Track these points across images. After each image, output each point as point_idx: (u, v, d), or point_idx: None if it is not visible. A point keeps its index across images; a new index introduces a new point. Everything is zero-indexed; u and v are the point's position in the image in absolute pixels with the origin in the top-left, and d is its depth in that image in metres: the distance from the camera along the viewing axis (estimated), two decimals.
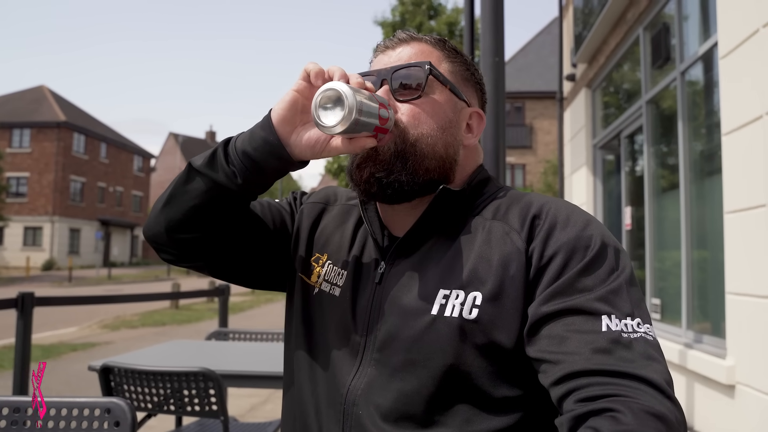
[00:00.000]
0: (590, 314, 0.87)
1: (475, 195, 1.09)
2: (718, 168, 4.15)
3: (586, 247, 0.93)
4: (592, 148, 7.86)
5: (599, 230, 0.97)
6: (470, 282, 0.96)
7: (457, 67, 1.10)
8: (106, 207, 42.54)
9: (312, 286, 1.15)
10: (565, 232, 0.95)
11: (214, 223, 1.05)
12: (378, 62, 1.10)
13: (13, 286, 22.66)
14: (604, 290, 0.89)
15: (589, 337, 0.85)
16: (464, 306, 0.94)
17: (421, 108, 1.03)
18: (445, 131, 1.05)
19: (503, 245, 0.97)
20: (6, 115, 37.02)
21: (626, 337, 0.85)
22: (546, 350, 0.88)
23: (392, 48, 1.09)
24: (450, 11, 21.04)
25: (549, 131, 28.75)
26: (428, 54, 1.08)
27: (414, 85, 1.03)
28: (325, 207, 1.24)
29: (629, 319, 0.87)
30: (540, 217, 0.99)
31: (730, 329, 3.85)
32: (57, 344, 9.40)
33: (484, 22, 3.17)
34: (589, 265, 0.92)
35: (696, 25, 4.84)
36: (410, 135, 1.02)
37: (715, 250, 4.31)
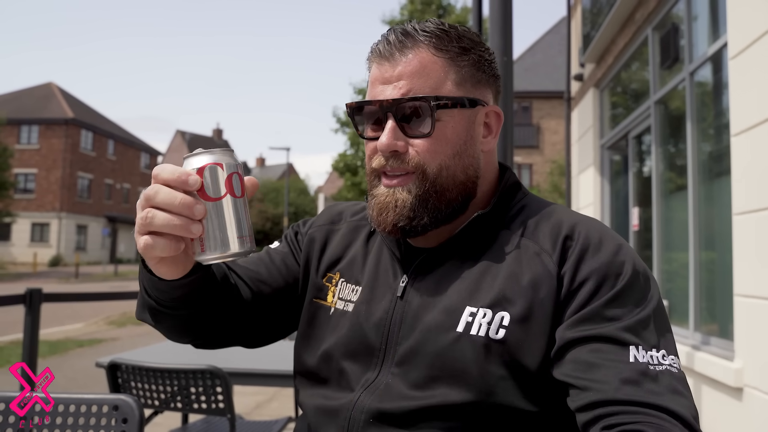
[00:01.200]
0: (619, 344, 0.87)
1: (503, 207, 1.06)
2: (726, 169, 4.13)
3: (617, 274, 0.92)
4: (600, 149, 7.83)
5: (630, 256, 0.96)
6: (498, 301, 0.95)
7: (466, 71, 1.02)
8: (113, 204, 42.71)
9: (329, 307, 1.13)
10: (597, 258, 0.94)
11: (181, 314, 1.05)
12: (375, 78, 1.02)
13: (21, 282, 22.80)
14: (633, 320, 0.89)
15: (617, 367, 0.85)
16: (491, 325, 0.93)
17: (433, 140, 0.99)
18: (462, 154, 1.02)
19: (534, 266, 0.96)
20: (14, 111, 37.19)
21: (653, 370, 0.85)
22: (573, 375, 0.88)
23: (389, 61, 1.00)
24: (459, 11, 21.02)
25: (556, 131, 28.67)
26: (431, 67, 0.99)
27: (421, 122, 0.99)
28: (331, 228, 1.22)
29: (655, 350, 0.87)
30: (572, 239, 0.97)
31: (738, 331, 3.84)
32: (63, 340, 9.45)
33: (493, 22, 3.16)
34: (619, 294, 0.91)
35: (705, 25, 4.81)
36: (429, 173, 0.99)
37: (724, 251, 4.29)
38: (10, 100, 39.40)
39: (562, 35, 24.44)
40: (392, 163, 1.00)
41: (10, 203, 31.74)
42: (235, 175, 0.82)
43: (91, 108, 43.67)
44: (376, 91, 1.01)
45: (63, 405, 1.49)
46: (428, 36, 1.00)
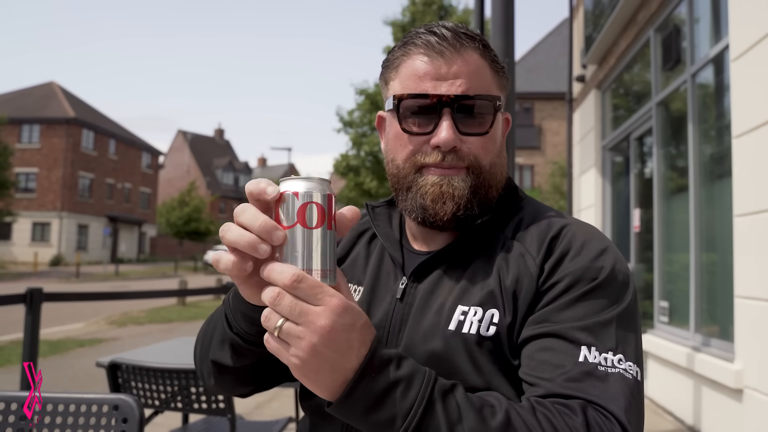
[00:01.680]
0: (571, 342, 0.88)
1: (501, 212, 1.08)
2: (728, 171, 4.13)
3: (592, 278, 0.93)
4: (602, 150, 7.83)
5: (611, 261, 0.96)
6: (488, 300, 0.97)
7: (501, 78, 1.06)
8: (114, 203, 42.72)
9: None
10: (574, 261, 0.95)
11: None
12: (425, 72, 1.00)
13: (21, 281, 22.82)
14: (592, 321, 0.90)
15: (565, 365, 0.86)
16: (482, 323, 0.95)
17: (487, 139, 1.03)
18: (501, 155, 1.07)
19: (518, 266, 0.98)
20: (16, 110, 37.23)
21: (602, 371, 0.85)
22: (524, 371, 0.90)
23: (444, 57, 1.00)
24: (461, 12, 21.01)
25: (558, 132, 28.66)
26: (483, 70, 1.02)
27: (482, 120, 1.01)
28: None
29: (611, 354, 0.87)
30: (556, 242, 0.99)
31: (738, 333, 3.83)
32: (64, 340, 9.45)
33: (495, 23, 3.16)
34: (585, 294, 0.92)
35: (707, 27, 4.81)
36: (483, 168, 1.02)
37: (724, 253, 4.29)
38: (12, 99, 39.44)
39: (564, 36, 24.43)
40: (450, 158, 1.01)
41: (11, 202, 31.75)
42: (311, 205, 0.78)
43: (93, 107, 43.68)
44: (426, 87, 1.00)
45: (63, 404, 1.49)
46: (472, 39, 1.02)
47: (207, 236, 41.15)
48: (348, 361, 0.76)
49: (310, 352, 0.74)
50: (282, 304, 0.74)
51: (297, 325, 0.74)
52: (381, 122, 1.15)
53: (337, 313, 0.74)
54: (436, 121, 1.00)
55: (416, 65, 1.01)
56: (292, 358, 0.75)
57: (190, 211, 38.94)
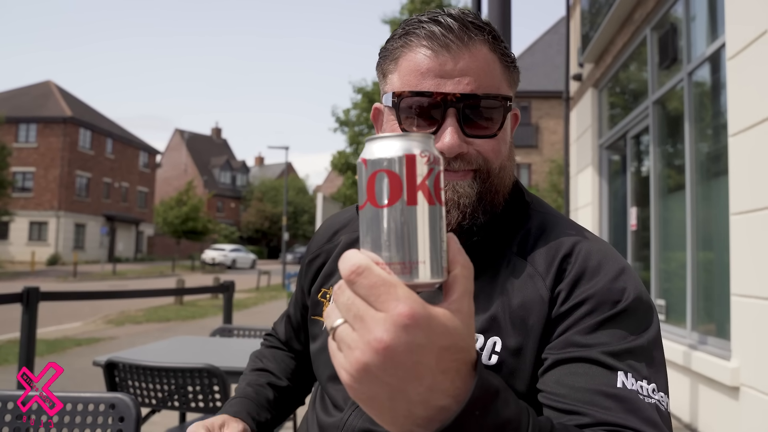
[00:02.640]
0: (606, 367, 0.81)
1: (507, 221, 1.00)
2: (724, 169, 4.14)
3: (615, 301, 0.86)
4: (598, 148, 7.84)
5: (633, 282, 0.89)
6: (490, 327, 0.91)
7: (512, 73, 0.98)
8: (112, 203, 42.65)
9: (323, 323, 1.10)
10: (594, 282, 0.88)
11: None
12: (428, 68, 0.91)
13: (19, 281, 22.77)
14: (625, 347, 0.83)
15: (603, 391, 0.79)
16: (483, 351, 0.89)
17: (496, 141, 0.95)
18: (510, 156, 0.99)
19: (526, 289, 0.91)
20: (13, 110, 37.13)
21: (642, 400, 0.79)
22: (554, 398, 0.82)
23: (449, 51, 0.90)
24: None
25: (555, 131, 28.68)
26: (493, 65, 0.93)
27: (491, 121, 0.93)
28: (330, 247, 1.20)
29: (645, 382, 0.81)
30: (569, 261, 0.92)
31: (735, 331, 3.84)
32: (61, 339, 9.43)
33: (491, 21, 3.16)
34: (613, 318, 0.85)
35: (704, 26, 4.82)
36: (492, 172, 0.94)
37: (721, 251, 4.30)
38: (8, 98, 39.34)
39: (561, 35, 24.43)
40: (455, 164, 0.92)
41: (8, 202, 31.68)
42: (404, 175, 0.56)
43: (90, 106, 43.58)
44: (428, 84, 0.90)
45: (60, 403, 1.49)
46: (481, 29, 0.93)
47: (204, 235, 41.12)
48: (418, 392, 0.53)
49: (360, 370, 0.53)
50: (341, 300, 0.55)
51: (353, 330, 0.54)
52: (377, 115, 1.05)
53: (401, 326, 0.51)
54: (439, 123, 0.91)
55: (418, 59, 0.92)
56: (341, 370, 0.55)
57: (187, 210, 38.89)
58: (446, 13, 0.93)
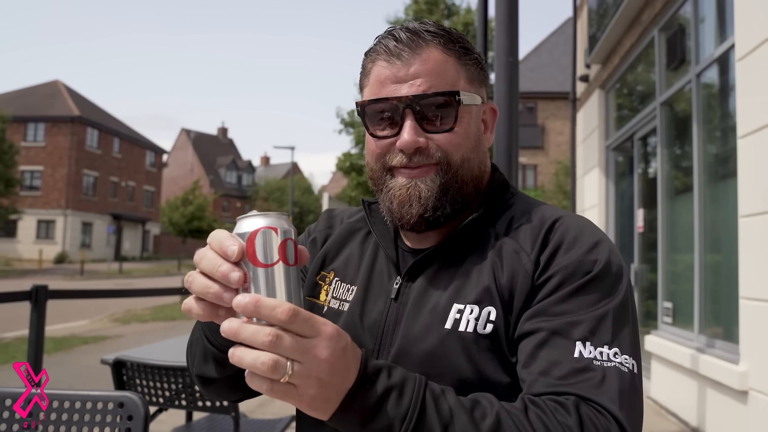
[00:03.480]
0: (566, 337, 0.88)
1: (492, 208, 1.08)
2: (732, 171, 4.12)
3: (585, 271, 0.93)
4: (605, 150, 7.82)
5: (605, 254, 0.96)
6: (484, 297, 0.96)
7: (472, 69, 1.05)
8: (119, 201, 42.80)
9: (321, 306, 1.13)
10: (568, 255, 0.95)
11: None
12: (386, 77, 1.01)
13: (26, 279, 22.87)
14: (587, 315, 0.89)
15: (561, 361, 0.86)
16: (479, 321, 0.95)
17: (455, 135, 1.01)
18: (477, 149, 1.05)
19: (513, 263, 0.98)
20: (21, 109, 37.31)
21: (598, 365, 0.85)
22: (520, 368, 0.90)
23: (401, 59, 1.00)
24: (464, 11, 20.98)
25: (561, 132, 28.62)
26: (444, 65, 1.00)
27: (444, 117, 1.00)
28: (329, 232, 1.24)
29: (606, 347, 0.87)
30: (550, 235, 0.99)
31: (743, 334, 3.83)
32: (68, 337, 9.48)
33: (499, 23, 3.16)
34: (579, 288, 0.92)
35: (712, 27, 4.80)
36: (453, 164, 1.01)
37: (729, 254, 4.28)
38: (17, 97, 39.53)
39: (568, 36, 24.40)
40: (416, 159, 1.00)
41: (16, 200, 31.85)
42: (289, 242, 0.77)
43: (97, 106, 43.77)
44: (388, 90, 1.00)
45: (69, 402, 1.49)
46: (435, 35, 1.01)
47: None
48: (348, 381, 0.77)
49: (320, 385, 0.73)
50: (284, 345, 0.70)
51: (301, 363, 0.72)
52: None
53: (335, 340, 0.74)
54: (400, 124, 1.00)
55: (378, 71, 1.02)
56: (303, 397, 0.74)
57: (193, 209, 38.99)
58: (403, 27, 1.02)
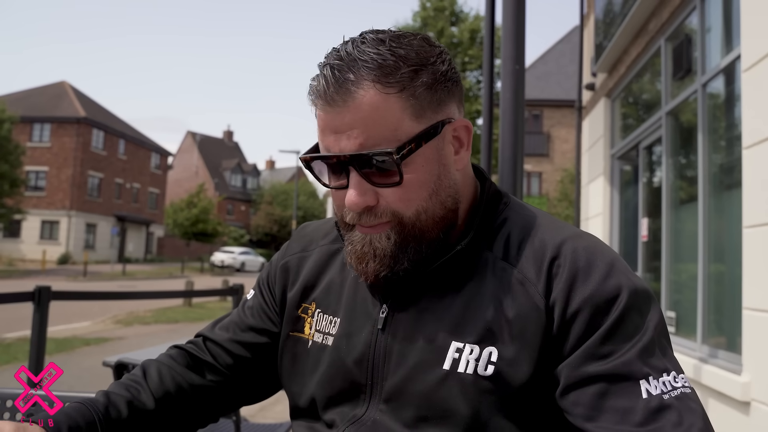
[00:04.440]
0: (628, 380, 0.82)
1: (486, 225, 0.98)
2: (737, 182, 4.11)
3: (611, 299, 0.86)
4: (610, 158, 7.81)
5: (623, 276, 0.89)
6: (485, 337, 0.90)
7: (424, 97, 0.89)
8: (123, 203, 42.91)
9: (306, 340, 1.08)
10: (586, 286, 0.87)
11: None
12: (324, 125, 0.90)
13: (30, 279, 22.91)
14: (637, 349, 0.83)
15: (632, 409, 0.80)
16: (479, 362, 0.89)
17: (405, 188, 0.90)
18: (439, 190, 0.93)
19: (519, 297, 0.90)
20: (27, 109, 37.48)
21: (668, 399, 0.80)
22: (583, 423, 0.83)
23: (332, 106, 0.88)
24: (472, 19, 21.00)
25: (566, 140, 28.62)
26: (384, 108, 0.86)
27: (389, 170, 0.88)
28: (303, 255, 1.16)
29: (665, 375, 0.82)
30: (558, 262, 0.91)
31: (746, 345, 3.81)
32: (70, 338, 9.49)
33: (505, 30, 3.16)
34: (617, 323, 0.85)
35: (719, 37, 4.80)
36: (406, 221, 0.91)
37: (733, 264, 4.26)
38: (23, 98, 39.70)
39: (574, 44, 24.41)
40: (365, 218, 0.91)
41: (21, 200, 31.95)
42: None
43: (103, 107, 43.92)
44: (329, 141, 0.90)
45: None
46: (370, 69, 0.87)
47: (214, 237, 41.30)
48: None
49: None
50: None
51: None
52: None
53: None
54: (346, 177, 0.90)
55: (318, 115, 0.91)
56: None
57: (197, 212, 39.06)
58: (332, 57, 0.90)
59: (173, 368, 1.13)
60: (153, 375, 1.11)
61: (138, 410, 1.04)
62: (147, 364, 1.15)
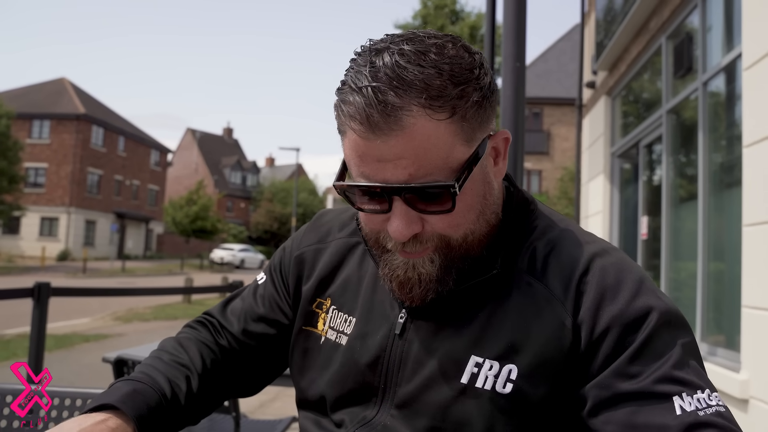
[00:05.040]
0: (660, 398, 0.79)
1: (511, 238, 0.95)
2: (737, 180, 4.11)
3: (640, 319, 0.84)
4: (610, 157, 7.81)
5: (651, 294, 0.87)
6: (506, 353, 0.87)
7: (472, 118, 0.83)
8: (122, 200, 42.89)
9: (319, 335, 1.06)
10: (615, 303, 0.85)
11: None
12: (363, 152, 0.82)
13: (29, 276, 22.91)
14: (668, 366, 0.81)
15: (666, 424, 0.77)
16: (498, 379, 0.86)
17: (456, 215, 0.85)
18: (485, 209, 0.90)
19: (545, 315, 0.87)
20: (26, 106, 37.44)
21: (703, 416, 0.77)
22: None
23: (376, 134, 0.79)
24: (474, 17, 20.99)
25: (566, 138, 28.61)
26: (435, 137, 0.80)
27: (441, 199, 0.83)
28: (319, 247, 1.12)
29: (700, 392, 0.80)
30: (585, 280, 0.88)
31: (745, 343, 3.82)
32: (70, 334, 9.49)
33: (506, 28, 3.16)
34: (647, 342, 0.82)
35: (720, 35, 4.79)
36: (454, 244, 0.88)
37: (732, 262, 4.27)
38: (22, 94, 39.66)
39: (575, 42, 24.41)
40: (410, 246, 0.87)
41: (20, 197, 31.95)
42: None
43: (103, 104, 43.89)
44: (369, 169, 0.82)
45: (69, 399, 1.49)
46: (417, 91, 0.78)
47: (214, 234, 41.25)
48: None
49: None
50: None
51: None
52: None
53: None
54: (389, 204, 0.84)
55: (354, 139, 0.82)
56: None
57: (197, 209, 39.05)
58: (371, 72, 0.79)
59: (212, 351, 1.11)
60: (195, 358, 1.08)
61: (190, 397, 1.02)
62: (185, 341, 1.12)
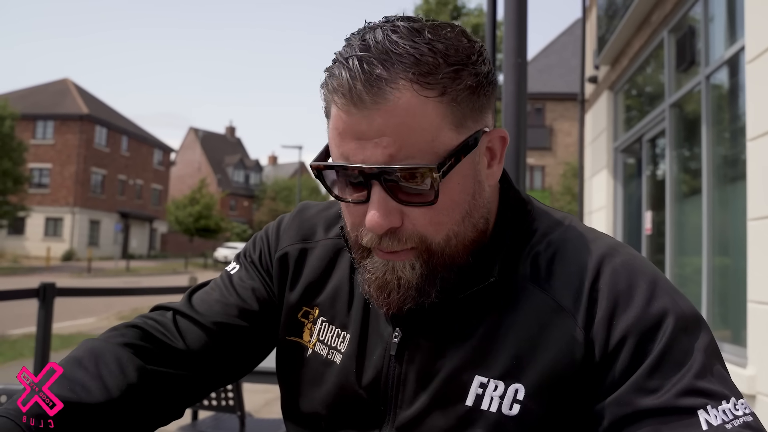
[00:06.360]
0: (684, 412, 0.72)
1: (511, 244, 0.87)
2: (742, 174, 4.10)
3: (656, 326, 0.77)
4: (613, 151, 7.79)
5: (667, 298, 0.80)
6: (512, 372, 0.80)
7: (464, 102, 0.76)
8: (126, 199, 42.99)
9: (305, 346, 0.97)
10: (630, 311, 0.78)
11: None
12: (344, 129, 0.75)
13: (34, 276, 22.97)
14: (690, 376, 0.74)
15: None
16: (503, 400, 0.80)
17: (437, 209, 0.77)
18: (472, 211, 0.82)
19: (552, 329, 0.80)
20: (30, 107, 37.53)
21: (730, 429, 0.72)
22: None
23: (359, 107, 0.73)
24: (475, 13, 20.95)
25: (569, 133, 28.55)
26: (421, 114, 0.73)
27: (423, 187, 0.75)
28: (304, 247, 1.01)
29: (725, 402, 0.74)
30: (597, 288, 0.80)
31: (751, 338, 3.80)
32: (75, 334, 9.51)
33: (507, 23, 3.15)
34: (665, 351, 0.76)
35: (722, 28, 4.77)
36: (435, 248, 0.80)
37: (738, 257, 4.25)
38: (26, 95, 39.75)
39: (577, 37, 24.34)
40: (386, 242, 0.79)
41: (25, 197, 32.06)
42: None
43: (106, 104, 44.00)
44: (348, 148, 0.75)
45: None
46: (406, 65, 0.72)
47: (217, 233, 41.35)
48: None
49: None
50: None
51: None
52: None
53: None
54: (367, 191, 0.76)
55: (336, 116, 0.76)
56: None
57: (200, 208, 39.12)
58: (359, 47, 0.74)
59: (134, 356, 0.91)
60: (111, 367, 0.87)
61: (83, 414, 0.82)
62: (99, 349, 0.90)
